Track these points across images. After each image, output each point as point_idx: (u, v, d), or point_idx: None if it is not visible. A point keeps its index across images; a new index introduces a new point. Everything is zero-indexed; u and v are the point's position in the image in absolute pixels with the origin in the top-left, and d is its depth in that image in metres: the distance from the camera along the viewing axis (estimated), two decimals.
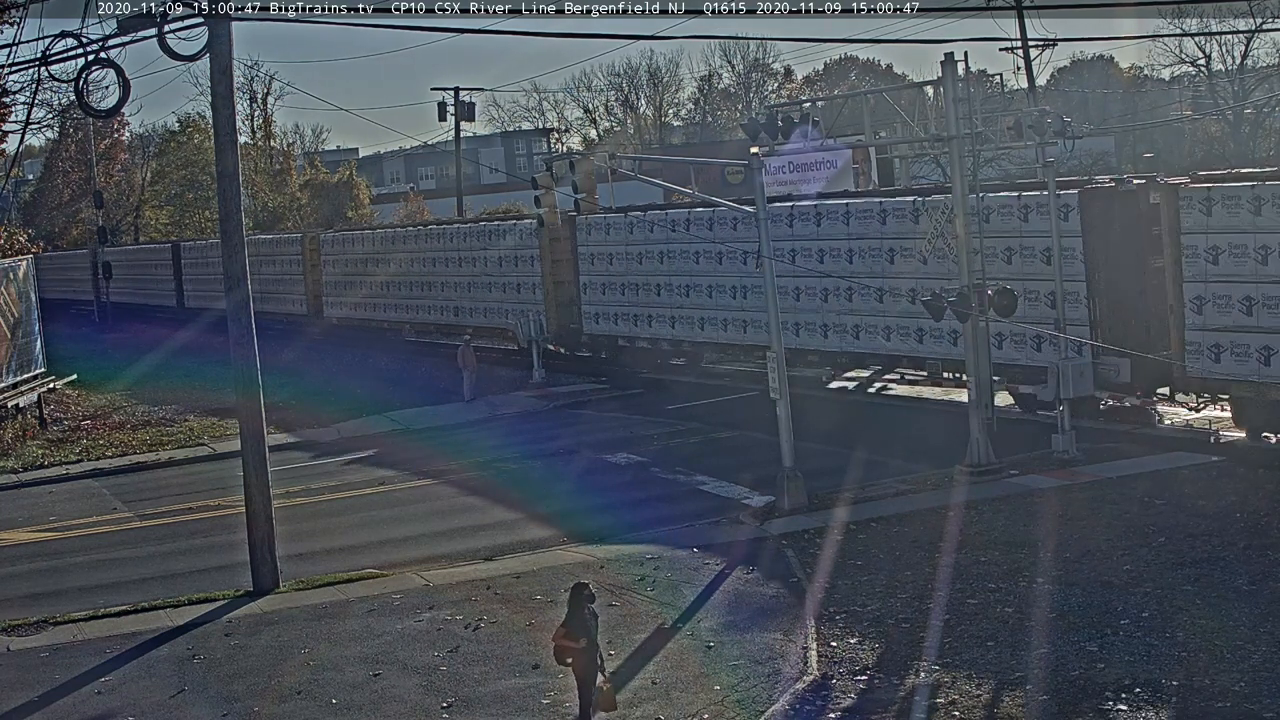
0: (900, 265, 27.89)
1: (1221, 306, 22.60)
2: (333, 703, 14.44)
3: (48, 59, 19.80)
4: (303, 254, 53.54)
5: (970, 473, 22.13)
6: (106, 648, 16.74)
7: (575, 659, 12.96)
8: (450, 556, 20.38)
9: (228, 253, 19.24)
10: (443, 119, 65.77)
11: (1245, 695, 12.73)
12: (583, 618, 12.96)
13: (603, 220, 36.38)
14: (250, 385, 19.30)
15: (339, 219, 78.28)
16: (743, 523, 20.86)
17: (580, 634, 12.89)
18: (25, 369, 37.28)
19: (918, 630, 15.25)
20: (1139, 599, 15.55)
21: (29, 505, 26.92)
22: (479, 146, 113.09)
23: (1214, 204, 22.69)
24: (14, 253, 41.06)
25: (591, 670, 13.02)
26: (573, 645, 12.88)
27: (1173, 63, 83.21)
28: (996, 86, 54.89)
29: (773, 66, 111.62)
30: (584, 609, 13.00)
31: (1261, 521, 18.27)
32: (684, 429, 29.38)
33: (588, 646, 12.91)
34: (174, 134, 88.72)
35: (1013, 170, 47.83)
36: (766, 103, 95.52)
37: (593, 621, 13.12)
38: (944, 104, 22.84)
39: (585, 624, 12.95)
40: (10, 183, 67.67)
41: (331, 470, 28.30)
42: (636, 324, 36.38)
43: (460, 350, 36.39)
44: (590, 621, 13.06)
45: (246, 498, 19.33)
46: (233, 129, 19.40)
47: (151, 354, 49.10)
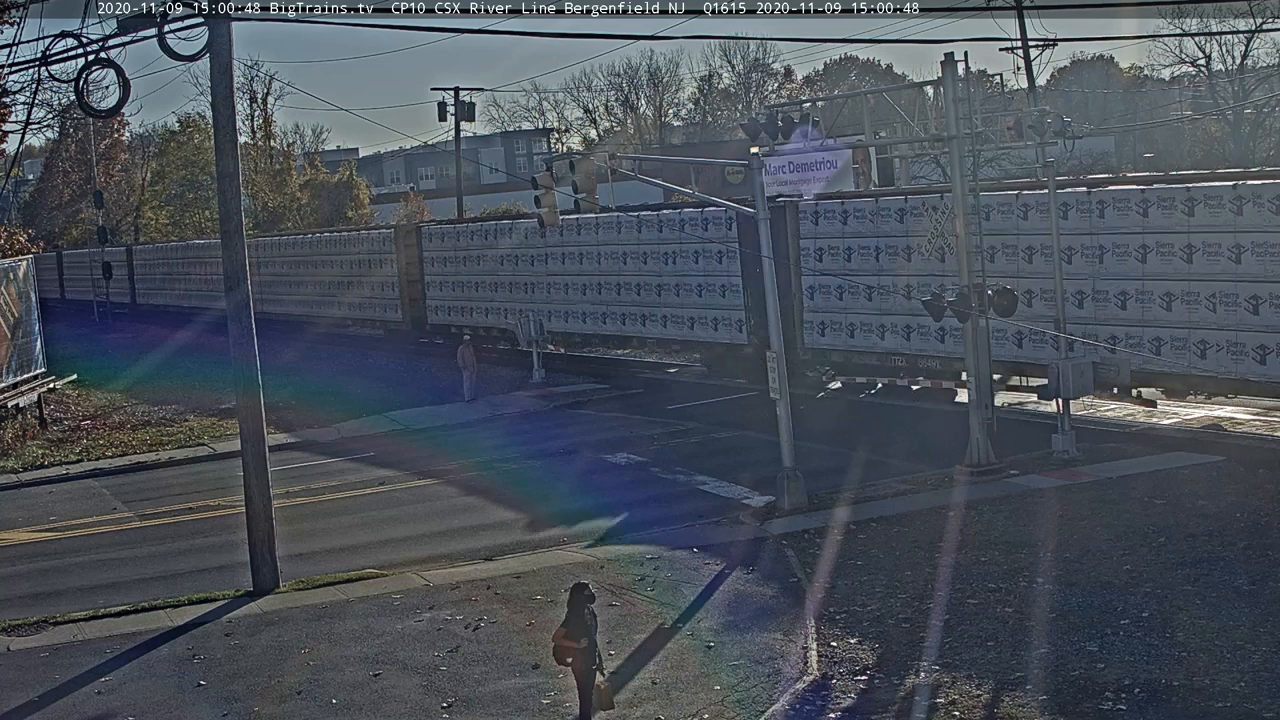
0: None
1: (825, 295, 30.66)
2: (333, 703, 14.44)
3: (48, 59, 19.82)
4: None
5: (970, 473, 22.13)
6: (106, 648, 16.74)
7: (575, 659, 12.98)
8: (450, 556, 20.38)
9: (227, 253, 19.24)
10: (443, 119, 65.70)
11: (1245, 695, 12.72)
12: (583, 618, 12.97)
13: (438, 231, 47.46)
14: (250, 385, 19.30)
15: (339, 219, 78.30)
16: (743, 523, 20.85)
17: (580, 634, 12.91)
18: (25, 369, 37.27)
19: (918, 630, 15.24)
20: (1139, 599, 15.55)
21: (29, 505, 26.92)
22: (479, 146, 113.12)
23: (820, 216, 30.59)
24: (14, 253, 41.07)
25: (591, 671, 13.04)
26: (573, 645, 12.91)
27: (1173, 63, 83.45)
28: (996, 86, 54.99)
29: (773, 66, 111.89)
30: (584, 609, 13.01)
31: (1261, 521, 18.27)
32: (684, 429, 29.38)
33: (588, 647, 12.93)
34: (174, 134, 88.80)
35: (1013, 170, 47.83)
36: (766, 103, 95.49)
37: (592, 622, 13.13)
38: (944, 104, 22.84)
39: (585, 624, 12.97)
40: (10, 183, 67.73)
41: (331, 470, 28.29)
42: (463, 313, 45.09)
43: (460, 350, 36.41)
44: (590, 622, 13.07)
45: (246, 498, 19.33)
46: (233, 129, 19.40)
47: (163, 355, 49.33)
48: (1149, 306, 24.22)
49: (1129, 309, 24.59)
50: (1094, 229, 25.06)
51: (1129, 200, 24.64)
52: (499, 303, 42.82)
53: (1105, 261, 24.87)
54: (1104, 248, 24.90)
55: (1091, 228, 25.08)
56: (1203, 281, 23.39)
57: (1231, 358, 22.98)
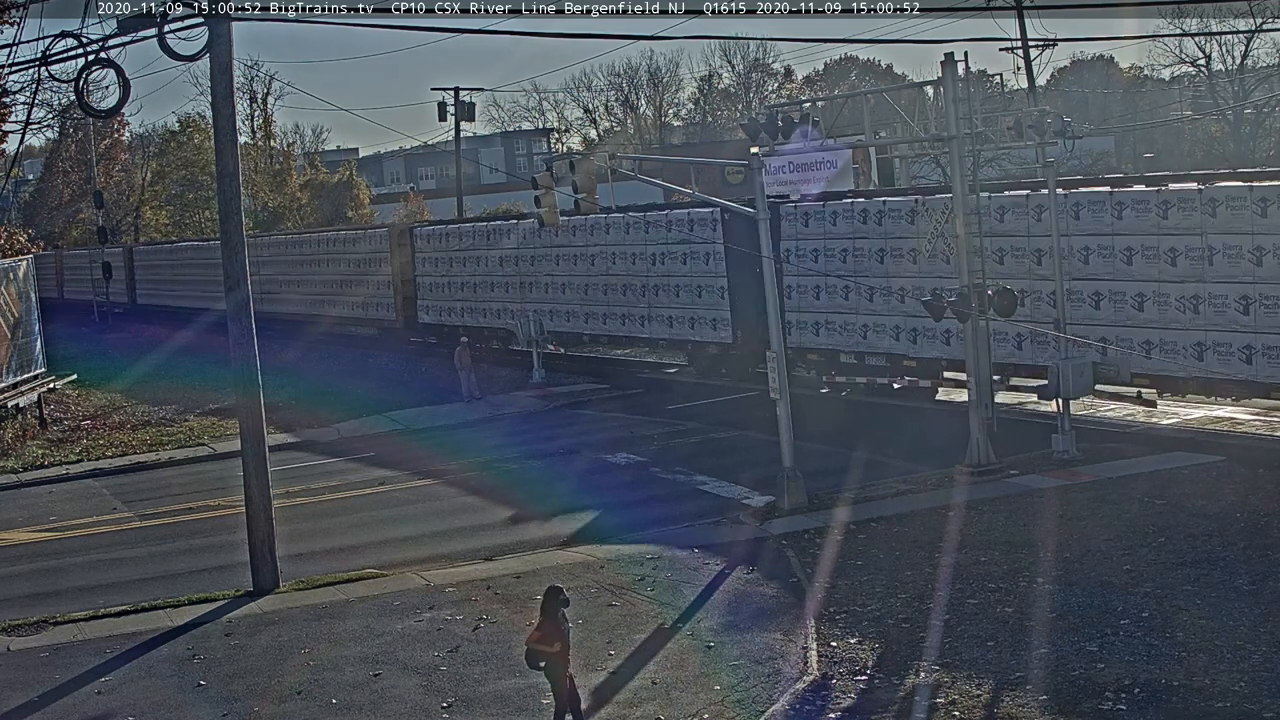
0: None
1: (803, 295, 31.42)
2: (333, 703, 14.44)
3: (48, 59, 19.81)
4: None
5: (970, 473, 22.13)
6: (106, 648, 16.74)
7: (549, 662, 12.81)
8: (450, 556, 20.38)
9: (227, 253, 19.25)
10: (443, 119, 65.74)
11: (1245, 695, 12.72)
12: (557, 621, 12.82)
13: (430, 232, 47.74)
14: (250, 385, 19.30)
15: (339, 219, 78.31)
16: (743, 523, 20.85)
17: (555, 638, 12.73)
18: (25, 369, 37.26)
19: (918, 630, 15.24)
20: (1139, 599, 15.55)
21: (29, 505, 26.92)
22: (479, 146, 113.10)
23: (809, 218, 31.14)
24: (14, 253, 41.06)
25: (565, 675, 12.90)
26: (547, 649, 12.74)
27: (1173, 63, 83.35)
28: (996, 86, 54.93)
29: (773, 66, 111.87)
30: (559, 612, 12.87)
31: (1261, 521, 18.27)
32: (684, 429, 29.39)
33: (561, 650, 12.82)
34: (174, 134, 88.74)
35: (1013, 170, 47.81)
36: (766, 103, 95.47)
37: (566, 626, 13.02)
38: (944, 104, 22.84)
39: (560, 628, 12.83)
40: (10, 183, 67.73)
41: (331, 470, 28.29)
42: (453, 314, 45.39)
43: (457, 351, 36.43)
44: (564, 625, 12.97)
45: (246, 498, 19.33)
46: (233, 129, 19.40)
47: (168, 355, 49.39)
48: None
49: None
50: (1114, 229, 24.87)
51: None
52: (492, 303, 43.05)
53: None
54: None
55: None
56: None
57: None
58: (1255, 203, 22.52)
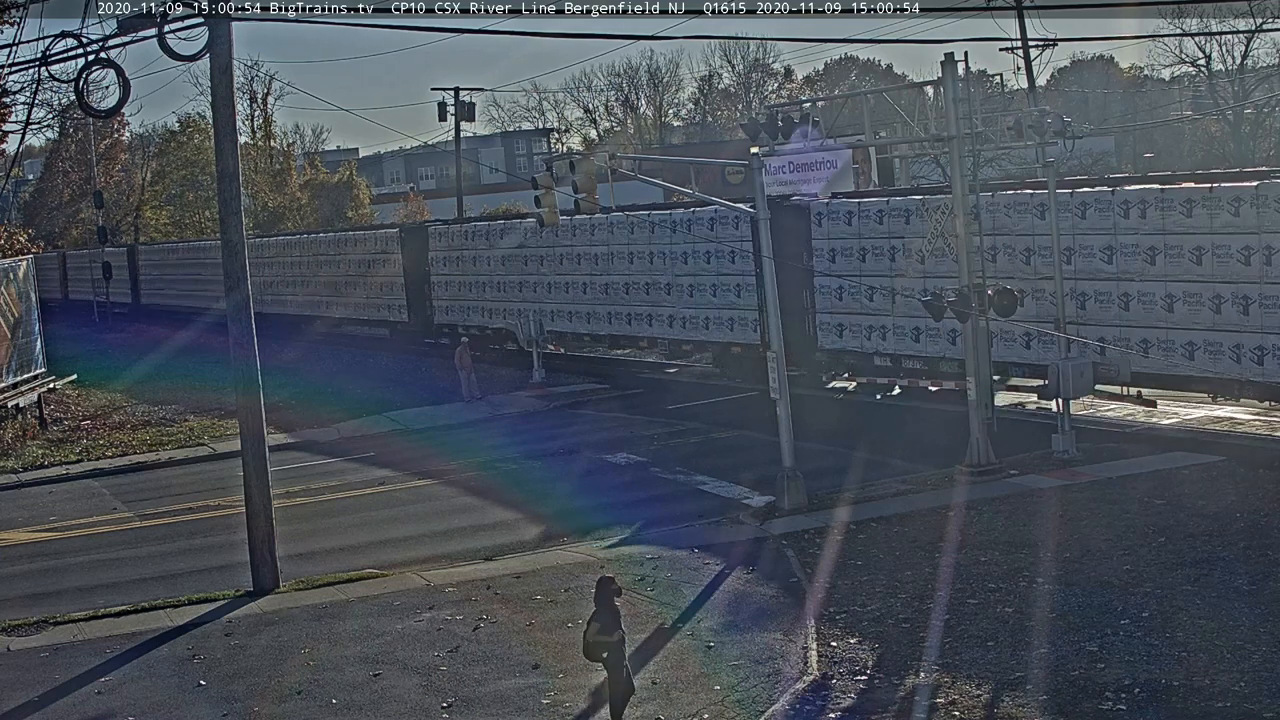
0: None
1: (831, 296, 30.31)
2: (333, 703, 14.44)
3: (48, 59, 19.80)
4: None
5: (970, 473, 22.13)
6: (106, 648, 16.74)
7: (611, 652, 12.75)
8: (450, 556, 20.38)
9: (227, 253, 19.26)
10: (443, 119, 65.69)
11: (1245, 695, 12.72)
12: (614, 611, 12.77)
13: (446, 230, 46.87)
14: (250, 385, 19.30)
15: (339, 219, 78.31)
16: (743, 523, 20.85)
17: (614, 628, 12.70)
18: (25, 369, 37.27)
19: (918, 630, 15.24)
20: (1139, 599, 15.54)
21: (29, 505, 26.92)
22: (479, 146, 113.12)
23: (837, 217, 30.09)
24: (14, 253, 41.08)
25: (624, 665, 12.84)
26: (608, 640, 12.71)
27: (1173, 63, 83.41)
28: (996, 86, 54.87)
29: (773, 66, 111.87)
30: (612, 602, 12.83)
31: (1261, 521, 18.27)
32: (684, 429, 29.39)
33: (620, 640, 12.76)
34: (174, 134, 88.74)
35: (1013, 170, 47.81)
36: (766, 103, 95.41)
37: (620, 614, 12.95)
38: (944, 104, 22.83)
39: (617, 617, 12.77)
40: (10, 183, 67.72)
41: (331, 470, 28.30)
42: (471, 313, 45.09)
43: (457, 351, 36.45)
44: (619, 614, 12.90)
45: (246, 498, 19.33)
46: (233, 129, 19.40)
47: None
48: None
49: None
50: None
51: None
52: (512, 302, 42.50)
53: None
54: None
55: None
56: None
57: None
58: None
